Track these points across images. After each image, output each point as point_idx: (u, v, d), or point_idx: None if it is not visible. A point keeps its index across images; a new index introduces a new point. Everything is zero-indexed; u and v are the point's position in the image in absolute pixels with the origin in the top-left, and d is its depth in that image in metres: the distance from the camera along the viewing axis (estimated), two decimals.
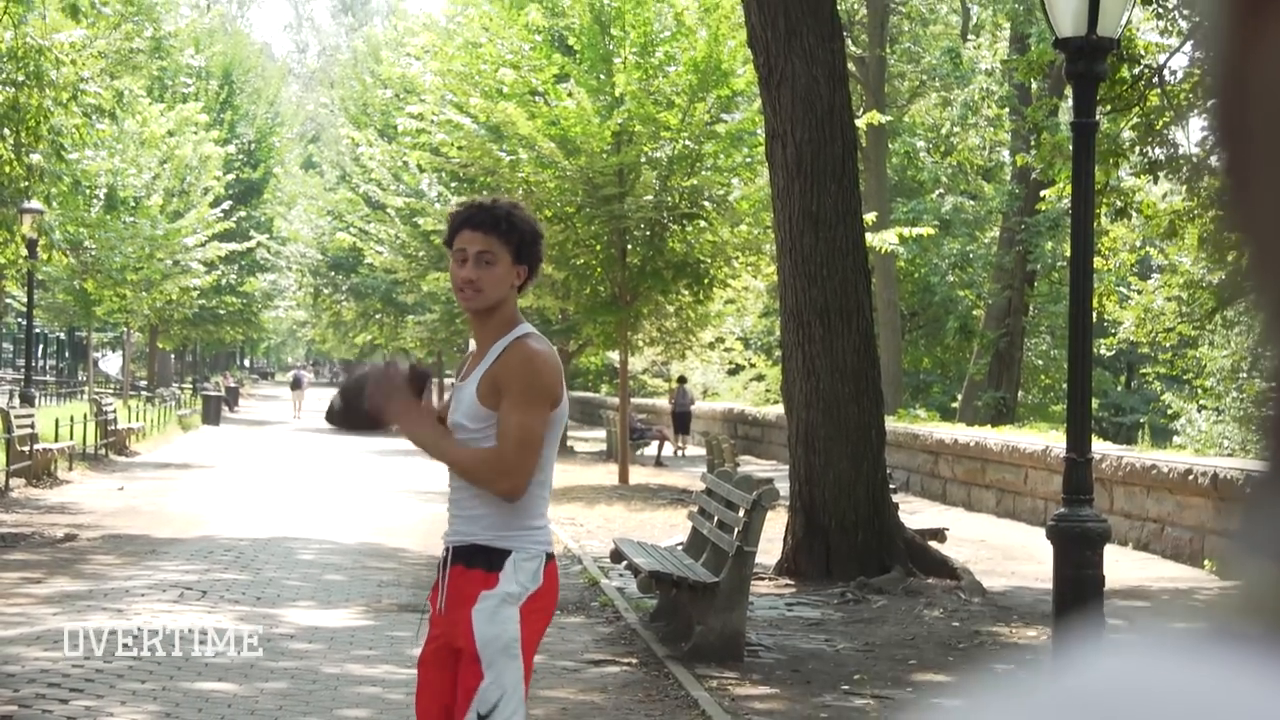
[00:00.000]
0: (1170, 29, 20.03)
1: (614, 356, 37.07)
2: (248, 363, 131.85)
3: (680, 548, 14.06)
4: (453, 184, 37.42)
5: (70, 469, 28.33)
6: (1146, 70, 19.81)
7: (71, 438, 29.58)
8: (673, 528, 19.72)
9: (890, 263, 41.77)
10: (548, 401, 5.04)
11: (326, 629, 12.45)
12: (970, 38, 49.93)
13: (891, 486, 17.41)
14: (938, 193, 50.70)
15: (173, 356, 76.86)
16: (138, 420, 40.38)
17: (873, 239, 25.02)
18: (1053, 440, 22.49)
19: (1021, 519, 22.84)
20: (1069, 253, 10.69)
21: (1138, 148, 20.62)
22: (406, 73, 41.54)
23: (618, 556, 13.19)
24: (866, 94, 43.79)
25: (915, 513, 21.90)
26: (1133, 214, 22.25)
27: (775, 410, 34.83)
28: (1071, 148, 10.52)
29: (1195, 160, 20.96)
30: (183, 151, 48.96)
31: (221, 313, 64.81)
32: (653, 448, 36.77)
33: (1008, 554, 19.03)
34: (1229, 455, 26.87)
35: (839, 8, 18.69)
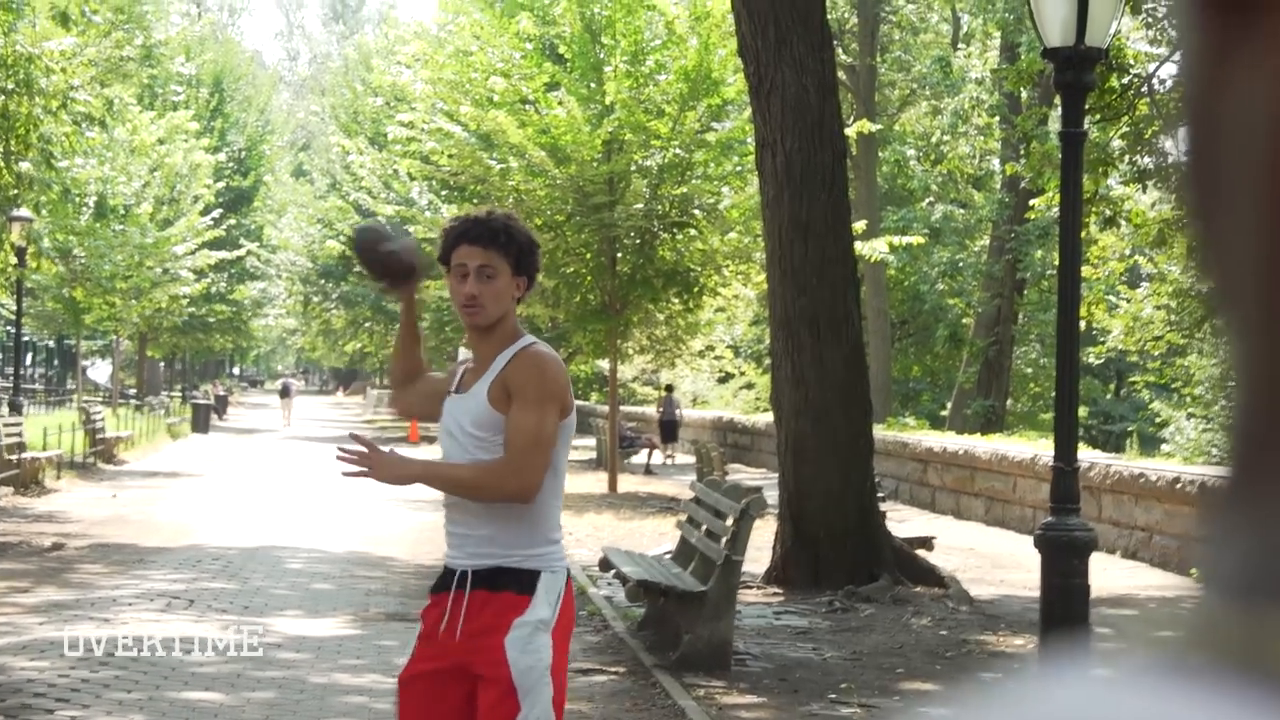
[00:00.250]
0: (1160, 38, 20.05)
1: (604, 365, 37.11)
2: (237, 371, 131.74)
3: (668, 556, 14.06)
4: (443, 192, 37.44)
5: (58, 478, 28.28)
6: (1136, 79, 19.83)
7: (60, 446, 29.54)
8: (661, 536, 19.71)
9: (880, 271, 41.80)
10: (558, 406, 4.98)
11: (314, 638, 12.44)
12: (960, 46, 49.96)
13: (880, 495, 17.43)
14: (928, 201, 50.71)
15: (162, 364, 76.72)
16: (126, 429, 40.33)
17: (862, 248, 25.03)
18: (1041, 449, 22.50)
19: (1010, 527, 22.85)
20: (1058, 261, 10.70)
21: (1127, 156, 20.64)
22: (397, 81, 41.65)
23: (606, 565, 13.19)
24: (857, 102, 43.81)
25: (904, 521, 21.89)
26: (1122, 223, 22.28)
27: (765, 418, 34.81)
28: (1060, 157, 10.53)
29: (1176, 167, 20.95)
30: (173, 159, 48.91)
31: (211, 321, 64.68)
32: (642, 456, 36.76)
33: (996, 562, 19.03)
34: (1217, 463, 26.85)
35: (829, 17, 18.71)
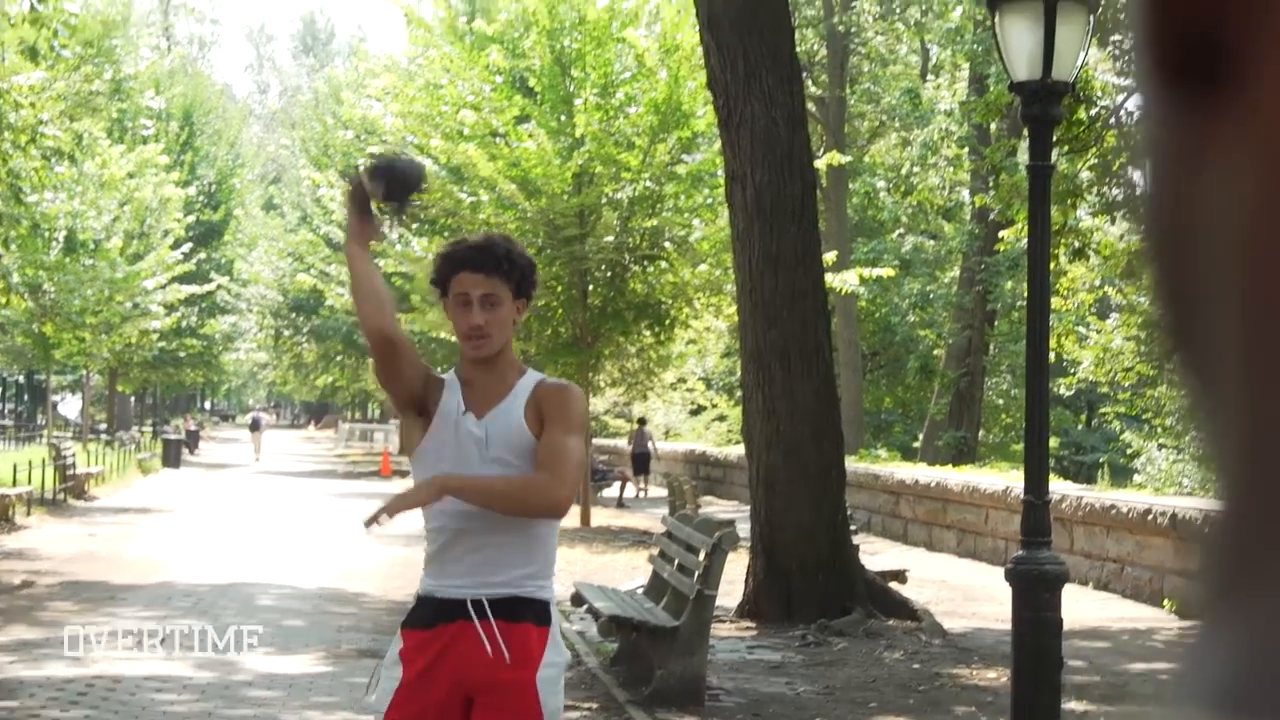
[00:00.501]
0: (1126, 70, 20.11)
1: None
2: (208, 405, 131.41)
3: (641, 591, 14.03)
4: (414, 225, 37.42)
5: (28, 514, 28.12)
6: (1104, 111, 19.92)
7: (30, 482, 29.38)
8: (634, 570, 19.67)
9: (851, 303, 41.86)
10: (585, 437, 4.99)
11: (285, 675, 12.38)
12: (930, 78, 50.14)
13: (852, 528, 17.42)
14: (898, 233, 50.85)
15: (132, 399, 76.50)
16: (97, 464, 40.15)
17: (833, 279, 25.09)
18: (1013, 480, 22.52)
19: (983, 559, 22.86)
20: (1027, 294, 10.73)
21: (1095, 188, 20.72)
22: (367, 114, 41.63)
23: (578, 600, 13.16)
24: (826, 134, 43.93)
25: (876, 553, 21.90)
26: (1091, 254, 22.36)
27: (737, 451, 34.79)
28: (1028, 190, 10.56)
29: (1142, 254, 21.02)
30: (143, 193, 48.74)
31: (182, 355, 64.45)
32: (615, 489, 36.72)
33: (969, 595, 19.03)
34: (1188, 494, 26.97)
35: (798, 49, 18.76)
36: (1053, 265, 18.50)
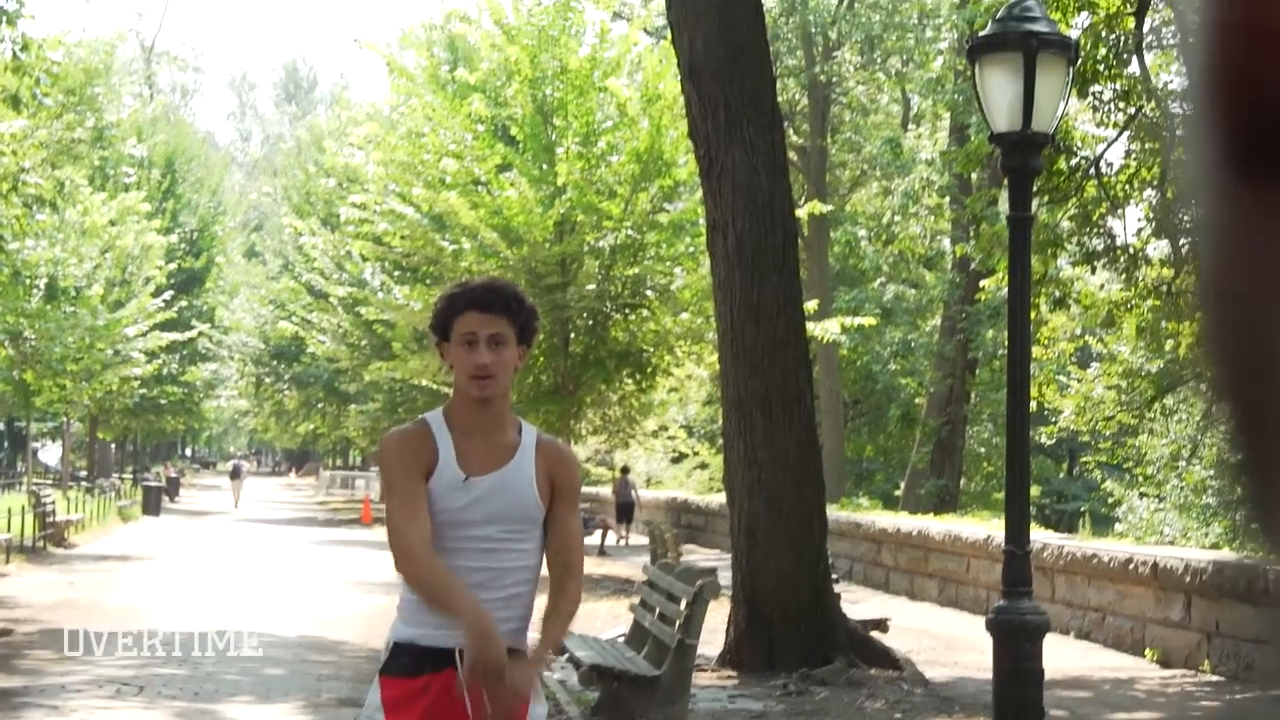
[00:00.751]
0: (1106, 121, 20.24)
1: None
2: (189, 452, 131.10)
3: (622, 639, 14.00)
4: (395, 273, 37.44)
5: (8, 562, 28.02)
6: (1084, 161, 20.00)
7: (9, 530, 29.28)
8: (615, 618, 19.63)
9: (832, 351, 41.92)
10: None
11: None
12: (911, 127, 50.32)
13: (834, 576, 17.40)
14: (879, 281, 50.97)
15: (113, 446, 76.30)
16: (77, 512, 40.01)
17: (814, 328, 25.14)
18: (994, 529, 22.52)
19: (964, 608, 22.83)
20: (1007, 345, 10.76)
21: (1075, 238, 20.79)
22: (350, 162, 41.70)
23: (559, 649, 13.13)
24: (808, 183, 44.08)
25: (858, 602, 21.87)
26: (1071, 303, 22.42)
27: (719, 499, 34.77)
28: (1008, 240, 10.60)
29: (1132, 250, 21.15)
30: (124, 241, 48.75)
31: (163, 402, 64.37)
32: (596, 536, 36.67)
33: (950, 644, 19.01)
34: (1170, 543, 26.99)
35: (780, 98, 18.82)
36: (1033, 314, 18.58)
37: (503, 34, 28.54)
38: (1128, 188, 20.54)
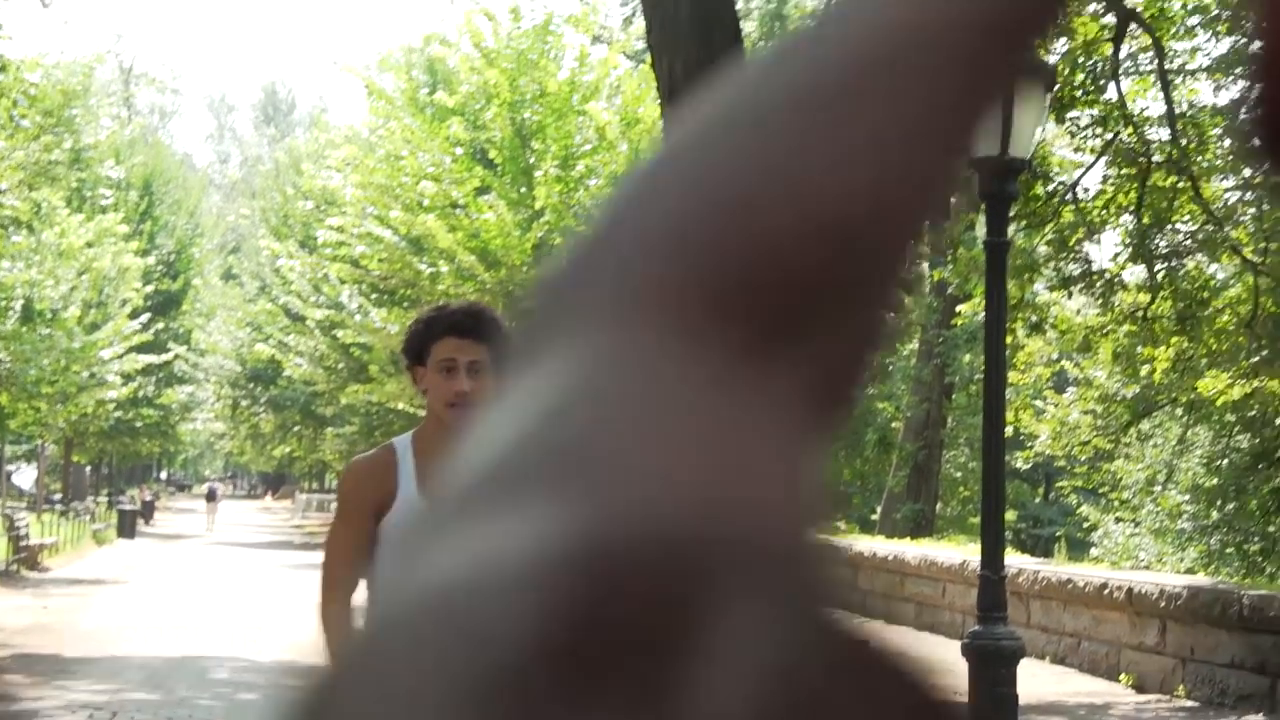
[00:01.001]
0: (1083, 146, 20.30)
1: None
2: (165, 475, 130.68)
3: None
4: (373, 296, 37.40)
5: None
6: (1061, 187, 20.05)
7: None
8: None
9: None
10: None
11: None
12: None
13: None
14: None
15: (88, 469, 76.07)
16: (51, 535, 39.84)
17: None
18: (970, 554, 22.50)
19: (941, 632, 22.81)
20: (984, 370, 10.77)
21: (1052, 263, 20.83)
22: (328, 185, 41.58)
23: None
24: None
25: None
26: (1048, 328, 22.46)
27: None
28: (985, 265, 10.61)
29: (1108, 275, 21.20)
30: (101, 263, 48.60)
31: (138, 425, 64.20)
32: None
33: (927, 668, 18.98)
34: (1145, 568, 27.02)
35: None
36: (1010, 339, 18.61)
37: (482, 57, 28.55)
38: (1104, 213, 20.58)
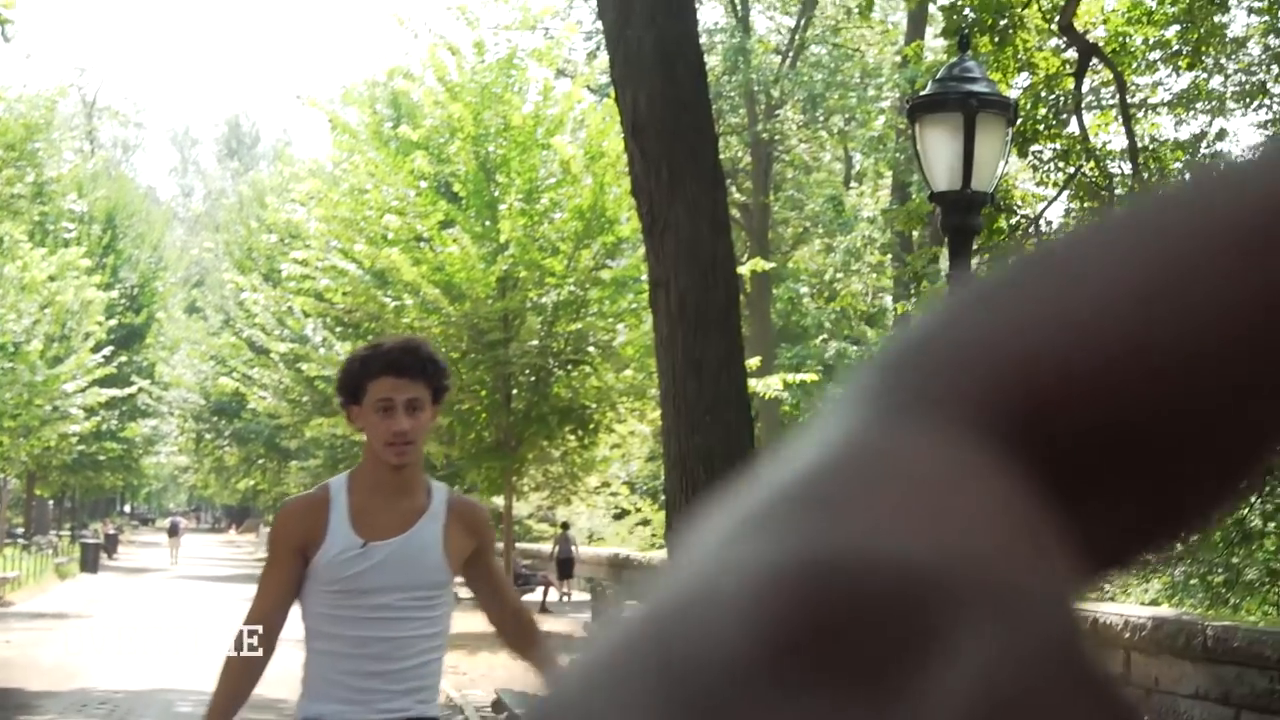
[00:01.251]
0: (1045, 180, 20.40)
1: (499, 502, 37.04)
2: (128, 509, 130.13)
3: None
4: (337, 329, 37.32)
5: None
6: (1024, 220, 20.14)
7: None
8: None
9: (775, 408, 41.97)
10: None
11: None
12: (853, 185, 50.59)
13: None
14: (821, 338, 51.10)
15: (51, 503, 75.70)
16: (13, 569, 39.65)
17: (757, 385, 25.18)
18: None
19: None
20: None
21: None
22: (292, 218, 41.48)
23: (499, 707, 13.08)
24: (750, 240, 44.25)
25: None
26: None
27: (661, 555, 34.69)
28: None
29: None
30: (64, 297, 48.41)
31: (101, 459, 63.97)
32: (538, 594, 36.55)
33: None
34: (1109, 599, 27.06)
35: (722, 156, 18.88)
36: None
37: (446, 91, 28.55)
38: None
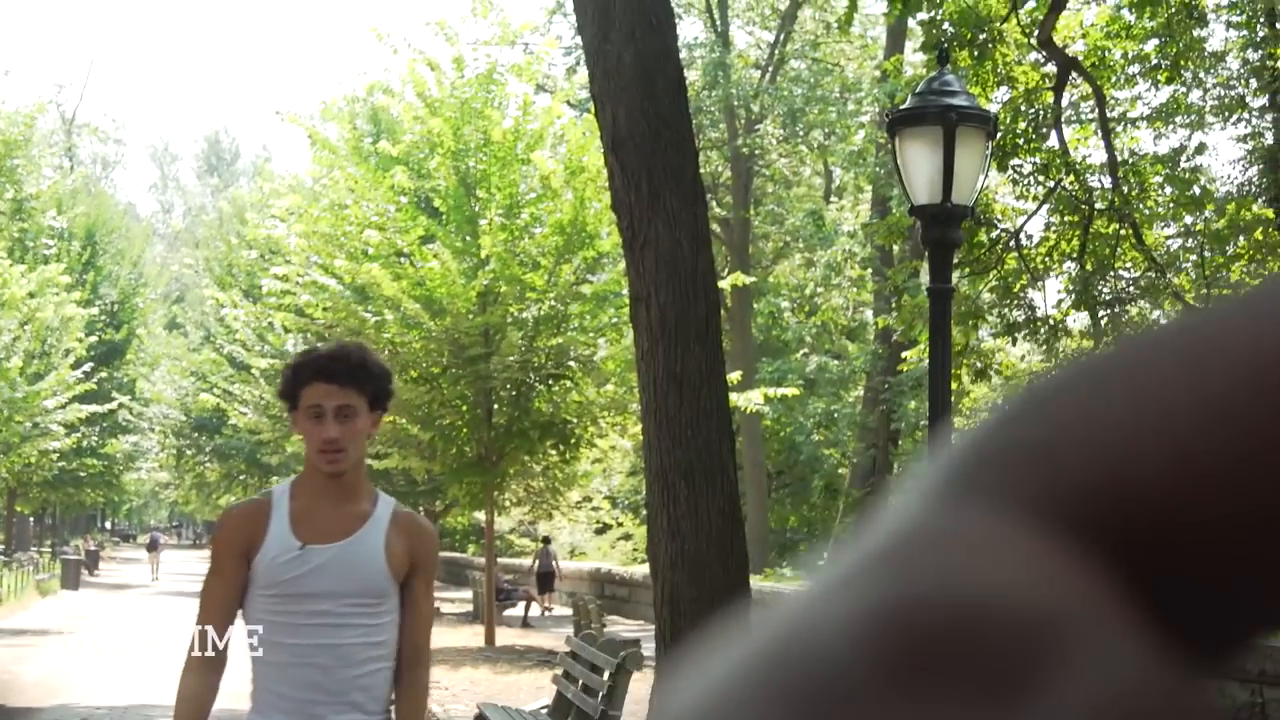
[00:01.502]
0: (1025, 194, 20.46)
1: (480, 517, 37.01)
2: (109, 525, 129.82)
3: (545, 711, 13.94)
4: (318, 345, 37.26)
5: None
6: (1004, 234, 20.18)
7: None
8: (539, 690, 19.54)
9: (756, 422, 42.01)
10: None
11: None
12: (833, 199, 50.69)
13: None
14: (802, 352, 51.16)
15: (31, 520, 75.49)
16: None
17: (738, 399, 25.20)
18: None
19: None
20: (929, 416, 10.82)
21: (996, 309, 20.96)
22: (272, 234, 41.43)
23: None
24: (731, 255, 44.27)
25: None
26: (993, 374, 22.58)
27: (643, 570, 34.70)
28: (929, 312, 10.68)
29: (1052, 322, 21.33)
30: (44, 313, 48.27)
31: (82, 475, 63.79)
32: (519, 608, 36.52)
33: None
34: None
35: (703, 170, 18.90)
36: (955, 385, 18.68)
37: (425, 106, 28.56)
38: (1047, 260, 20.73)
